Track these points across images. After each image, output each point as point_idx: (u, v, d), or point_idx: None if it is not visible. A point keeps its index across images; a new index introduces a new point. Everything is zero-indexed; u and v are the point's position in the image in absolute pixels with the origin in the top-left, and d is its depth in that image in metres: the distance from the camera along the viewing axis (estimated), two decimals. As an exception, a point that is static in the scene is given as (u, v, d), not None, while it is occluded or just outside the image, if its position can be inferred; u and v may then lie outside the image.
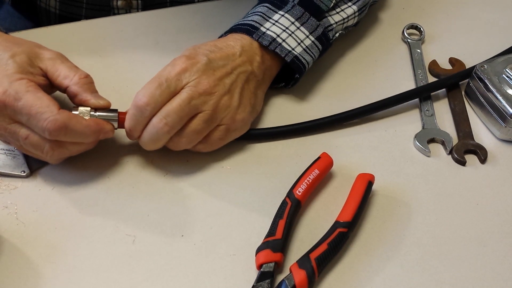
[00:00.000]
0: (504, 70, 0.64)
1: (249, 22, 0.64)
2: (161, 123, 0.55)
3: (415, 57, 0.73)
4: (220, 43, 0.61)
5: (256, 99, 0.62)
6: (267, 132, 0.63)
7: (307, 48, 0.64)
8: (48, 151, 0.54)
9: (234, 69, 0.60)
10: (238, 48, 0.61)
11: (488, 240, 0.56)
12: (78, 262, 0.53)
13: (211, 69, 0.58)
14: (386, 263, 0.54)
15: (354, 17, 0.69)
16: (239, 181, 0.59)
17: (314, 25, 0.64)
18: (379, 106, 0.66)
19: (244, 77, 0.60)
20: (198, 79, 0.57)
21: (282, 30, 0.63)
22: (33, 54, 0.57)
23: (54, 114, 0.52)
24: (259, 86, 0.63)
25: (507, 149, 0.64)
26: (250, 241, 0.54)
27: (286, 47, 0.62)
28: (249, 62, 0.61)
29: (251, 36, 0.62)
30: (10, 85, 0.53)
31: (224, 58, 0.60)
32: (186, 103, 0.55)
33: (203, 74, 0.57)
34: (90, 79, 0.58)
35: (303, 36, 0.64)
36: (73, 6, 0.80)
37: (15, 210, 0.56)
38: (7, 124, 0.54)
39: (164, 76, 0.56)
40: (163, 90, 0.56)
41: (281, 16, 0.64)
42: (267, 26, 0.63)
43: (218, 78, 0.58)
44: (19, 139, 0.54)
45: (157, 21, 0.75)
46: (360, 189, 0.56)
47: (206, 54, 0.59)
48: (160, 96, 0.55)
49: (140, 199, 0.58)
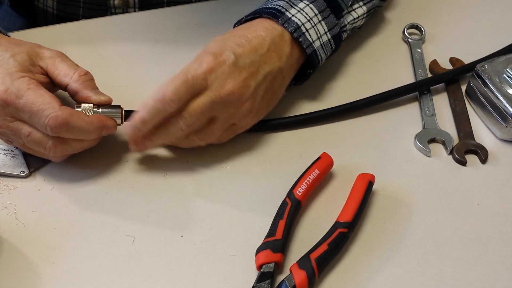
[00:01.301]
0: (505, 69, 0.64)
1: (274, 6, 0.62)
2: (179, 121, 0.55)
3: (416, 56, 0.73)
4: (250, 33, 0.59)
5: (275, 98, 0.62)
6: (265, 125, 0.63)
7: (323, 44, 0.63)
8: (51, 148, 0.54)
9: (261, 67, 0.58)
10: (268, 40, 0.59)
11: (488, 240, 0.56)
12: (77, 262, 0.53)
13: (237, 69, 0.56)
14: (386, 263, 0.54)
15: (363, 19, 0.69)
16: (239, 181, 0.59)
17: (333, 22, 0.64)
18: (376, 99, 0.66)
19: (270, 78, 0.59)
20: (223, 83, 0.56)
21: (306, 20, 0.62)
22: (34, 53, 0.57)
23: (55, 111, 0.52)
24: (283, 82, 0.62)
25: (508, 149, 0.64)
26: (250, 242, 0.54)
27: (308, 38, 0.62)
28: (278, 57, 0.60)
29: (277, 20, 0.60)
30: (12, 83, 0.53)
31: (252, 52, 0.58)
32: (208, 106, 0.55)
33: (228, 76, 0.56)
34: (90, 76, 0.58)
35: (323, 31, 0.63)
36: (71, 5, 0.80)
37: (15, 210, 0.56)
38: (9, 122, 0.54)
39: (191, 73, 0.55)
40: (189, 88, 0.55)
41: (306, 5, 0.63)
42: (292, 12, 0.62)
43: (244, 79, 0.57)
44: (22, 137, 0.54)
45: (156, 21, 0.75)
46: (360, 189, 0.56)
47: (233, 50, 0.57)
48: (185, 94, 0.54)
49: (139, 199, 0.57)
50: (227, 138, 0.61)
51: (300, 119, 0.64)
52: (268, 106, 0.62)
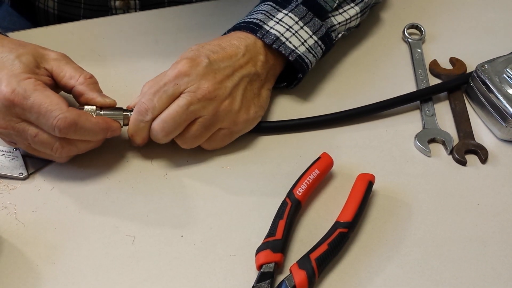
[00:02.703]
0: (505, 70, 0.64)
1: (252, 20, 0.63)
2: (158, 127, 0.56)
3: (416, 56, 0.73)
4: (224, 42, 0.61)
5: (260, 99, 0.62)
6: (267, 126, 0.63)
7: (310, 47, 0.64)
8: (58, 149, 0.55)
9: (236, 71, 0.59)
10: (242, 48, 0.61)
11: (488, 240, 0.56)
12: (77, 262, 0.53)
13: (212, 71, 0.58)
14: (386, 263, 0.54)
15: (357, 18, 0.69)
16: (239, 181, 0.59)
17: (318, 25, 0.64)
18: (379, 107, 0.66)
19: (247, 80, 0.60)
20: (198, 84, 0.57)
21: (285, 29, 0.63)
22: (38, 55, 0.57)
23: (63, 112, 0.52)
24: (262, 85, 0.63)
25: (508, 149, 0.64)
26: (250, 242, 0.54)
27: (290, 46, 0.62)
28: (252, 62, 0.61)
29: (255, 34, 0.62)
30: (19, 84, 0.53)
31: (227, 59, 0.59)
32: (184, 109, 0.56)
33: (203, 78, 0.57)
34: (94, 80, 0.59)
35: (307, 35, 0.63)
36: (71, 6, 0.80)
37: (14, 211, 0.56)
38: (15, 123, 0.54)
39: (162, 81, 0.57)
40: (161, 95, 0.56)
41: (285, 15, 0.64)
42: (271, 24, 0.63)
43: (219, 81, 0.58)
44: (28, 138, 0.54)
45: (156, 21, 0.75)
46: (360, 189, 0.56)
47: (208, 55, 0.58)
48: (158, 102, 0.56)
49: (139, 199, 0.57)
50: (221, 143, 0.61)
51: (301, 123, 0.64)
52: (260, 108, 0.62)
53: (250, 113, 0.61)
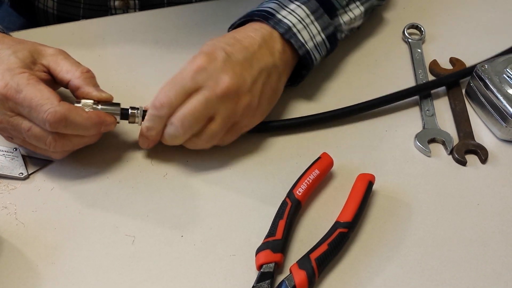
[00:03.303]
0: (505, 70, 0.64)
1: (265, 9, 0.63)
2: (177, 124, 0.55)
3: (416, 57, 0.73)
4: (239, 35, 0.60)
5: (275, 95, 0.62)
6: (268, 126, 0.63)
7: (317, 44, 0.63)
8: (51, 143, 0.54)
9: (255, 63, 0.58)
10: (258, 38, 0.60)
11: (488, 240, 0.56)
12: (77, 262, 0.53)
13: (230, 65, 0.57)
14: (386, 263, 0.54)
15: (360, 19, 0.69)
16: (239, 181, 0.59)
17: (327, 22, 0.64)
18: (378, 102, 0.66)
19: (265, 74, 0.59)
20: (216, 79, 0.56)
21: (298, 21, 0.62)
22: (35, 51, 0.57)
23: (54, 106, 0.52)
24: (280, 78, 0.62)
25: (508, 149, 0.64)
26: (250, 242, 0.54)
27: (300, 39, 0.62)
28: (270, 53, 0.60)
29: (267, 22, 0.61)
30: (12, 78, 0.53)
31: (244, 51, 0.58)
32: (203, 106, 0.55)
33: (221, 72, 0.56)
34: (92, 74, 0.58)
35: (316, 31, 0.63)
36: (71, 6, 0.80)
37: (15, 211, 0.56)
38: (9, 117, 0.54)
39: (180, 75, 0.56)
40: (178, 90, 0.55)
41: (298, 6, 0.63)
42: (283, 14, 0.62)
43: (238, 74, 0.57)
44: (22, 132, 0.55)
45: (156, 21, 0.75)
46: (360, 189, 0.56)
47: (224, 48, 0.57)
48: (175, 98, 0.55)
49: (139, 200, 0.57)
50: (231, 139, 0.60)
51: (301, 121, 0.64)
52: (269, 104, 0.62)
53: (264, 110, 0.60)
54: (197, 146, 0.58)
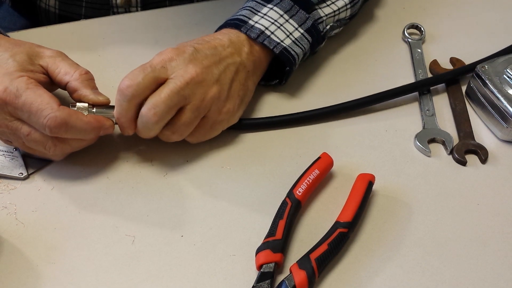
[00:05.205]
0: (505, 70, 0.64)
1: (237, 17, 0.64)
2: (150, 113, 0.54)
3: (416, 56, 0.73)
4: (208, 37, 0.62)
5: (246, 91, 0.62)
6: (261, 122, 0.64)
7: (296, 40, 0.64)
8: (51, 147, 0.55)
9: (222, 60, 0.59)
10: (226, 40, 0.61)
11: (488, 240, 0.56)
12: (77, 262, 0.53)
13: (198, 58, 0.58)
14: (386, 263, 0.54)
15: (346, 10, 0.69)
16: (239, 181, 0.59)
17: (303, 17, 0.65)
18: (377, 98, 0.66)
19: (233, 69, 0.60)
20: (185, 68, 0.56)
21: (270, 23, 0.63)
22: (33, 53, 0.57)
23: (54, 111, 0.52)
24: (249, 77, 0.62)
25: (508, 149, 0.64)
26: (250, 242, 0.54)
27: (275, 39, 0.63)
28: (237, 53, 0.61)
29: (239, 29, 0.62)
30: (11, 82, 0.53)
31: (212, 48, 0.59)
32: (175, 92, 0.55)
33: (190, 63, 0.57)
34: (90, 76, 0.58)
35: (292, 28, 0.64)
36: (73, 5, 0.81)
37: (14, 210, 0.56)
38: (8, 122, 0.54)
39: (148, 63, 0.56)
40: (147, 73, 0.55)
41: (270, 9, 0.64)
42: (255, 19, 0.63)
43: (206, 66, 0.57)
44: (21, 136, 0.55)
45: (156, 20, 0.75)
46: (360, 189, 0.56)
47: (193, 45, 0.59)
48: (143, 80, 0.54)
49: (139, 199, 0.57)
50: (203, 135, 0.60)
51: (300, 116, 0.64)
52: (241, 102, 0.62)
53: (234, 103, 0.60)
54: (169, 138, 0.58)
